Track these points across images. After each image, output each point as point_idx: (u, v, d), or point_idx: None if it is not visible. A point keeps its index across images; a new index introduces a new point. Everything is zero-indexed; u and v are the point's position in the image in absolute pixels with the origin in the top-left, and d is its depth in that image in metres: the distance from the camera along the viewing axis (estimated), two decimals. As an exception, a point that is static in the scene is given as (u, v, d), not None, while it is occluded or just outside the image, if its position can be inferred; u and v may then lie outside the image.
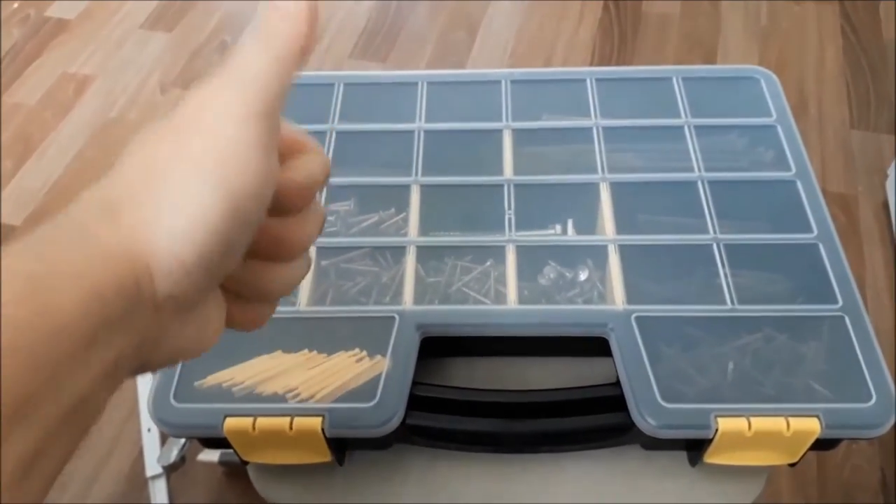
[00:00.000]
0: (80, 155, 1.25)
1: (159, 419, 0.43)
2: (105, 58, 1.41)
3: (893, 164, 1.11)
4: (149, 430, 0.84)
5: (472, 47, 1.40)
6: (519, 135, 0.57)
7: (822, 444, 0.43)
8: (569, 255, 0.50)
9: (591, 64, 1.35)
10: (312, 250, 0.39)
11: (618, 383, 0.44)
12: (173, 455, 0.79)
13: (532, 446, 0.47)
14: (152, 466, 0.82)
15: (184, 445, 0.81)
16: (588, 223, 0.52)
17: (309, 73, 0.61)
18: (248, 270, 0.28)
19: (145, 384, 0.87)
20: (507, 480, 0.47)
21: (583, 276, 0.50)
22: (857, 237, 1.08)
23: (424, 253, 0.51)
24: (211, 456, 0.82)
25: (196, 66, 1.38)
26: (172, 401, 0.43)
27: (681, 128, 0.57)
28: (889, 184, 1.12)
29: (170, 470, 0.81)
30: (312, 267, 0.50)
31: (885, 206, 1.11)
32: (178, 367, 0.45)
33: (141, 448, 0.85)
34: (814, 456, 0.43)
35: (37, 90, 1.36)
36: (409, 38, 1.44)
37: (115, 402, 0.87)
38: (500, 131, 0.57)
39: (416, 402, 0.44)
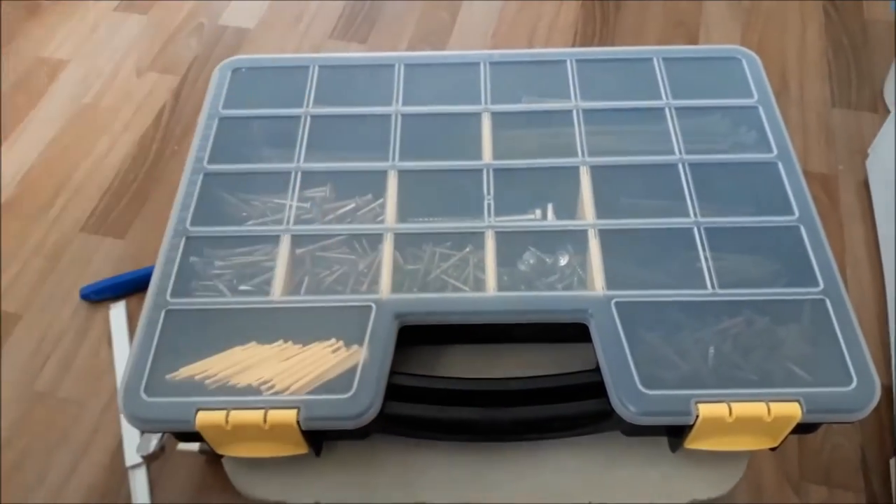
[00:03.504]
0: (55, 141, 1.23)
1: (129, 414, 0.42)
2: (79, 41, 1.38)
3: (874, 143, 1.11)
4: (128, 419, 0.83)
5: (454, 27, 1.38)
6: (498, 118, 0.56)
7: (803, 428, 0.43)
8: (549, 241, 0.49)
9: (574, 44, 1.34)
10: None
11: (598, 370, 0.43)
12: (152, 444, 0.78)
13: (512, 434, 0.47)
14: (132, 456, 0.81)
15: (163, 434, 0.79)
16: (568, 207, 0.52)
17: (283, 56, 0.60)
18: None
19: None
20: (488, 469, 0.47)
21: (563, 261, 0.49)
22: (837, 216, 1.08)
23: (402, 240, 0.50)
24: (191, 445, 0.81)
25: (172, 49, 1.36)
26: (143, 395, 0.42)
27: (662, 109, 0.56)
28: (869, 162, 1.12)
29: (149, 459, 0.80)
30: (287, 255, 0.49)
31: (866, 184, 1.11)
32: (150, 360, 0.44)
33: (121, 438, 0.83)
34: (794, 435, 0.43)
35: (9, 75, 1.32)
36: (390, 19, 1.42)
37: (93, 391, 0.86)
38: (478, 114, 0.56)
39: (394, 392, 0.43)
